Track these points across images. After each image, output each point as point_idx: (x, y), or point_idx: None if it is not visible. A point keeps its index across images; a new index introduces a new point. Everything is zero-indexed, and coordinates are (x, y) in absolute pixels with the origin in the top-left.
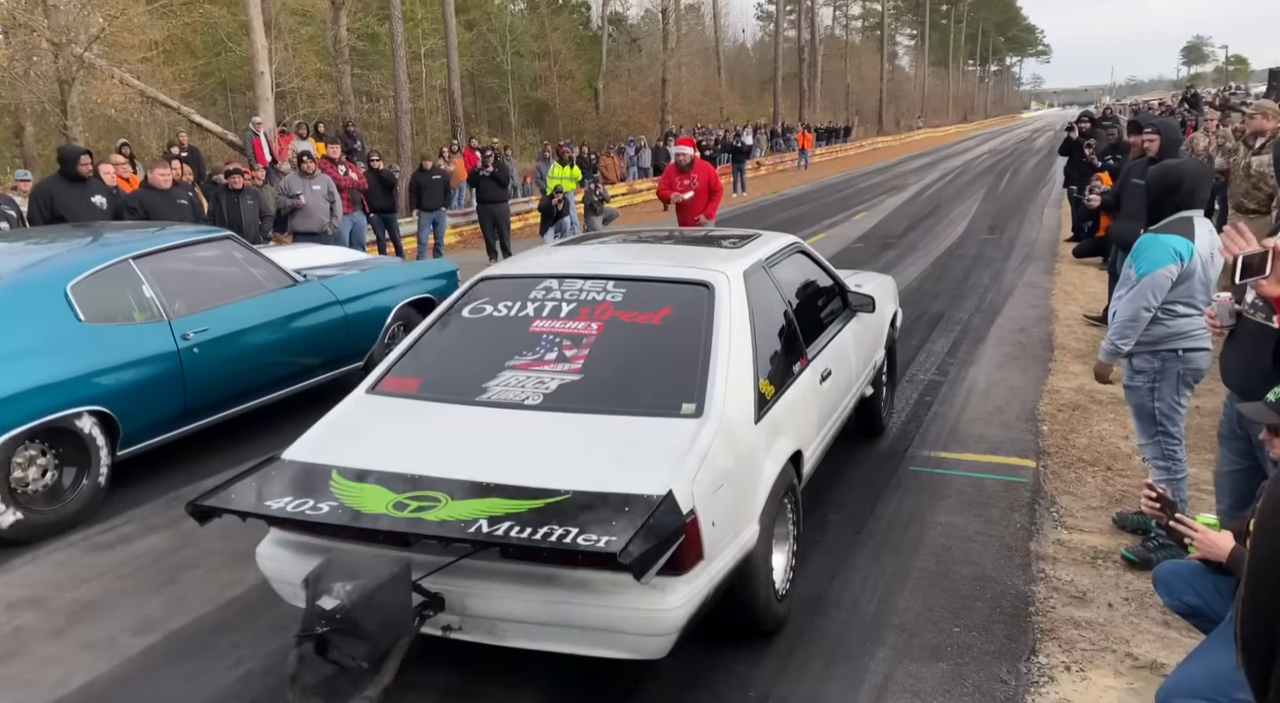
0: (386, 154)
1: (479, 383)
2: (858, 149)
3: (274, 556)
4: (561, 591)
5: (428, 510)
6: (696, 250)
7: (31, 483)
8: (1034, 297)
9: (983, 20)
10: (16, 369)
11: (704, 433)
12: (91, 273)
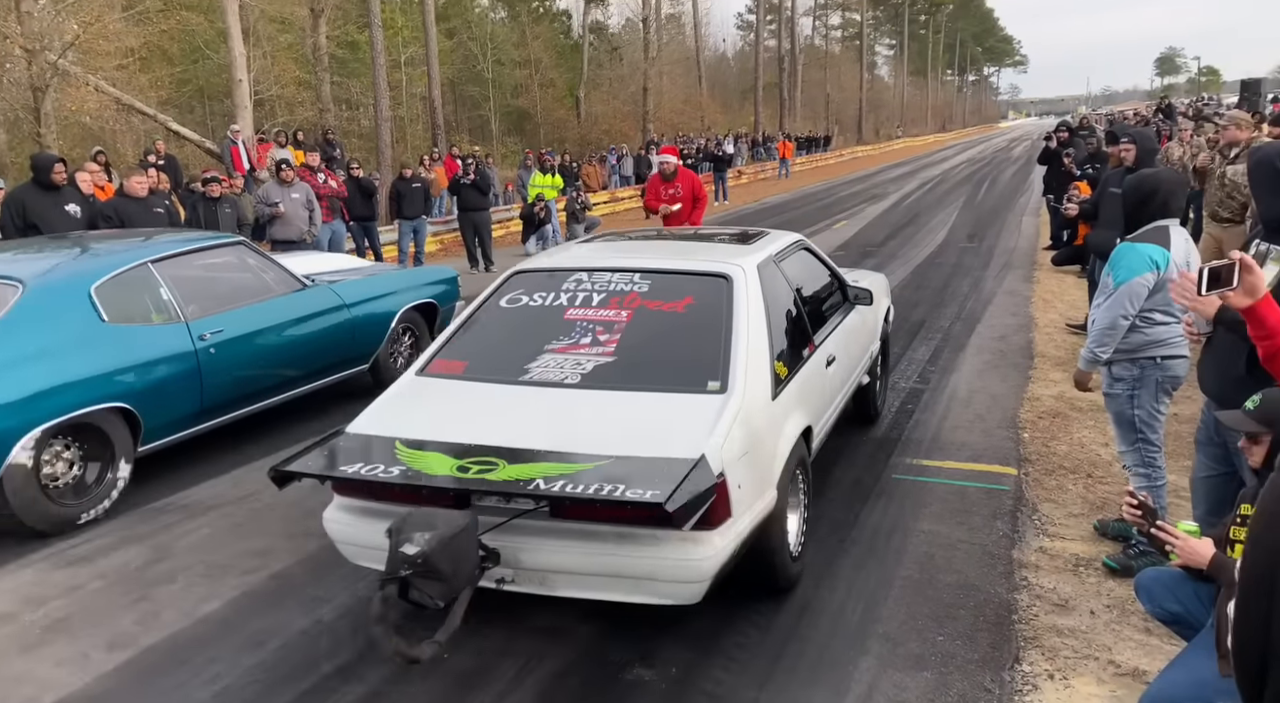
0: (366, 162)
1: (521, 365)
2: (838, 158)
3: (339, 519)
4: (606, 544)
5: (488, 472)
6: (713, 246)
7: (59, 478)
8: (1013, 304)
9: (960, 31)
10: (45, 367)
11: (729, 407)
12: (113, 275)
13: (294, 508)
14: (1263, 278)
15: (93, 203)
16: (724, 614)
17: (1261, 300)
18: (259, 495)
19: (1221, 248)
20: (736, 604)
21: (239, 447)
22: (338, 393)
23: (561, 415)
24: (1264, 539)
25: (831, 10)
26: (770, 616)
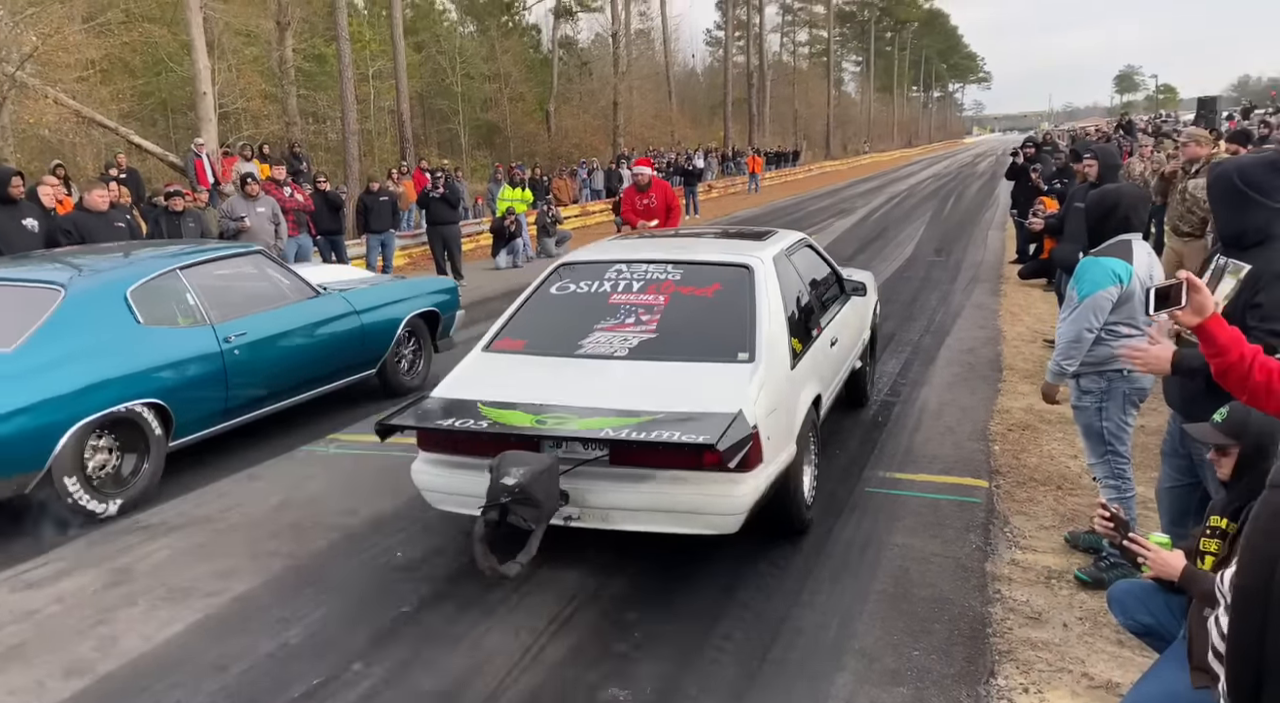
0: (333, 175)
1: (575, 341)
2: (806, 173)
3: (425, 471)
4: (660, 484)
5: (562, 425)
6: (732, 242)
7: (100, 469)
8: (981, 318)
9: (926, 48)
10: (87, 365)
11: (757, 374)
12: (147, 280)
13: (258, 528)
14: (1209, 297)
15: (52, 217)
16: (699, 630)
17: (1210, 318)
18: (222, 516)
19: (1183, 262)
20: (710, 623)
21: (200, 467)
22: (302, 413)
23: (616, 381)
24: (1259, 552)
25: (799, 27)
26: (746, 631)
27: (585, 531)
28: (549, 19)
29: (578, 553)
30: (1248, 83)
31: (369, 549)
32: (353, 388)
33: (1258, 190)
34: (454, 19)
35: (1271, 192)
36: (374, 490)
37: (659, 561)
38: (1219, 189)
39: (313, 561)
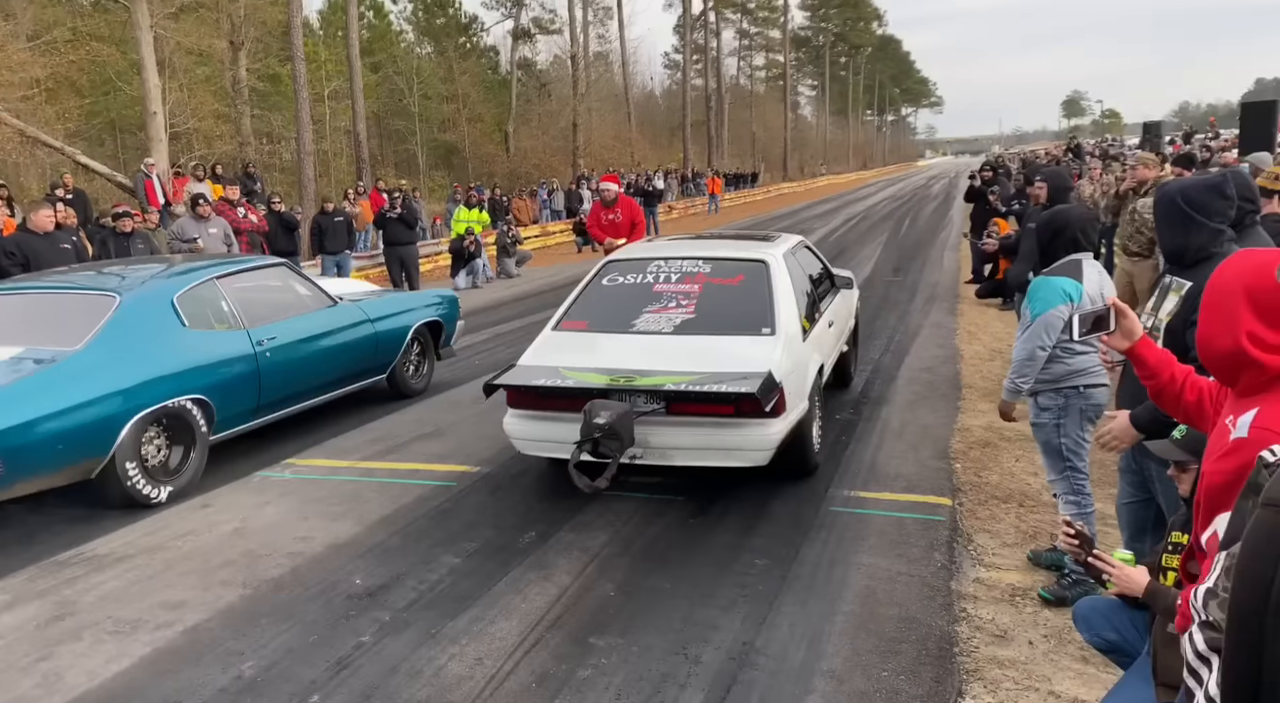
0: (288, 196)
1: (628, 321)
2: (765, 194)
3: (515, 423)
4: (707, 429)
5: (630, 383)
6: (747, 243)
7: (153, 459)
8: (939, 337)
9: (879, 73)
10: (143, 363)
11: (779, 344)
12: (189, 288)
13: (211, 557)
14: (1137, 321)
15: None
16: (666, 653)
17: (1139, 342)
18: (173, 545)
19: (1133, 281)
20: (678, 645)
21: None
22: (258, 438)
23: (667, 350)
24: (1252, 575)
25: (755, 52)
26: (714, 654)
27: (549, 547)
28: (507, 41)
29: (543, 573)
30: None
31: (326, 577)
32: (310, 412)
33: (1199, 211)
34: (411, 40)
35: (1212, 213)
36: (331, 516)
37: (624, 581)
38: (1163, 209)
39: (268, 590)
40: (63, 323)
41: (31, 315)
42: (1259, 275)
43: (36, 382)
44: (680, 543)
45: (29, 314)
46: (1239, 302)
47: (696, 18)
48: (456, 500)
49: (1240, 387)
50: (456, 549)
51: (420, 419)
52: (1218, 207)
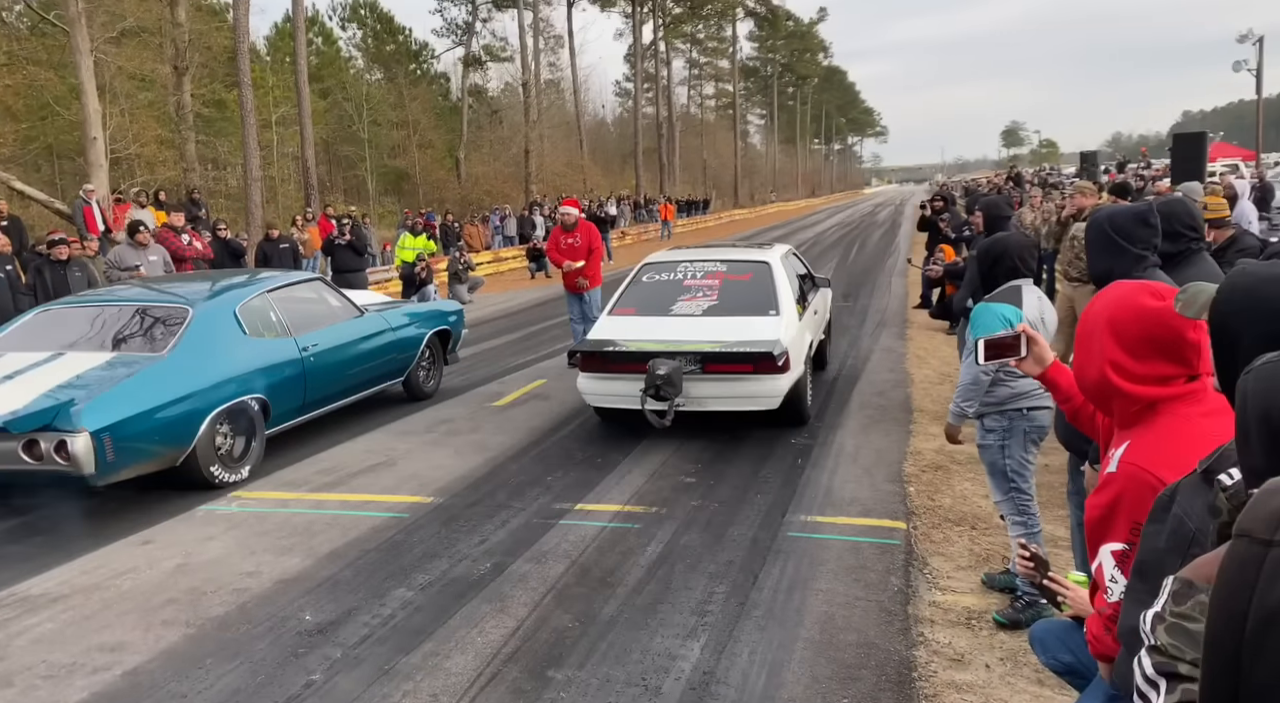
0: (234, 223)
1: (667, 307)
2: (716, 220)
3: (586, 383)
4: (734, 382)
5: (676, 348)
6: (751, 249)
7: (223, 449)
8: (890, 361)
9: (826, 103)
10: (216, 366)
11: (782, 322)
12: (248, 300)
13: (152, 595)
14: (1048, 347)
15: None
16: (627, 682)
17: (1051, 367)
18: (112, 583)
19: (1074, 306)
20: (637, 676)
21: (87, 531)
22: None
23: (699, 327)
24: (1226, 607)
25: (705, 81)
26: (674, 684)
27: (505, 578)
28: (458, 68)
29: (499, 605)
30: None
31: (274, 613)
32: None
33: (1124, 237)
34: (360, 67)
35: (1135, 240)
36: (280, 550)
37: (582, 612)
38: (1092, 234)
39: (212, 628)
40: (145, 332)
41: (111, 325)
42: (1120, 307)
43: (137, 382)
44: (639, 572)
45: (108, 324)
46: (1103, 332)
47: (647, 47)
48: (409, 532)
49: (1116, 418)
50: (410, 582)
51: (371, 449)
52: (1141, 234)
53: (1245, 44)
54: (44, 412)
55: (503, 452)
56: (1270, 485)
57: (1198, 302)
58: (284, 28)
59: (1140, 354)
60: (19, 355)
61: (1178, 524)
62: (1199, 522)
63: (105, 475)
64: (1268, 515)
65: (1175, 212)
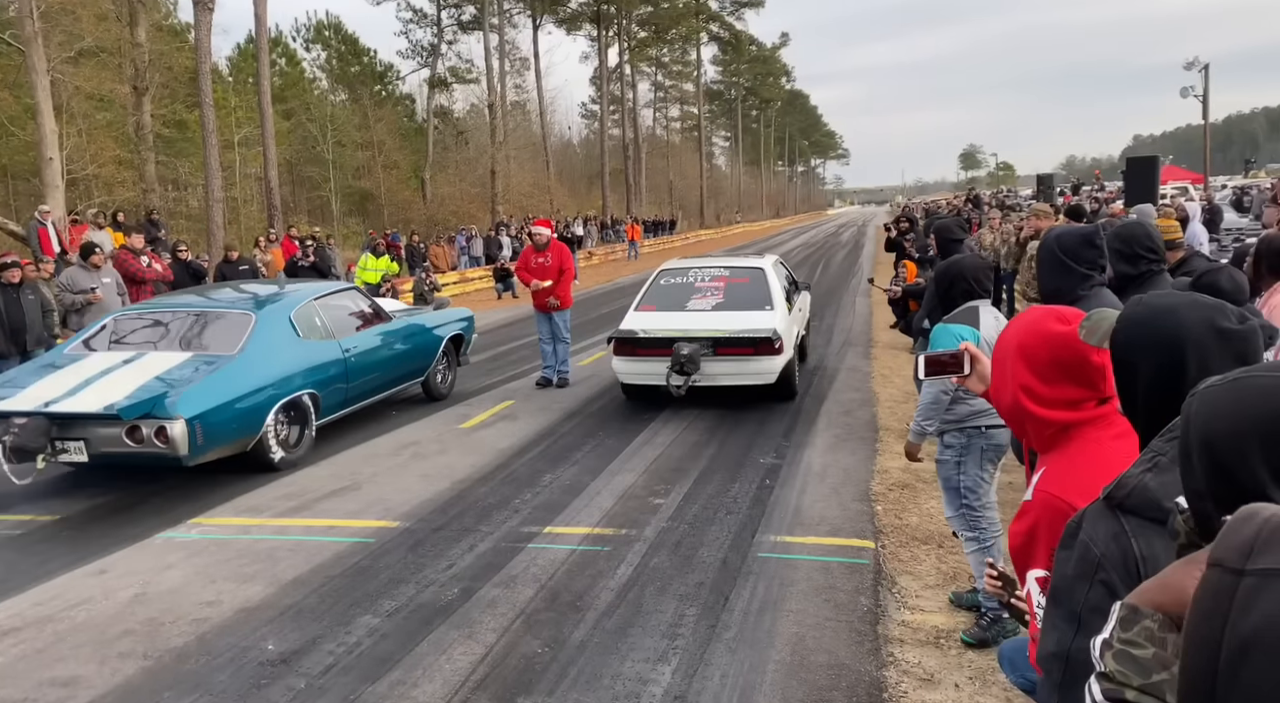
0: (195, 244)
1: (682, 304)
2: (683, 241)
3: (619, 364)
4: (739, 361)
5: (693, 335)
6: (748, 257)
7: (282, 436)
8: (856, 380)
9: (789, 126)
10: (279, 365)
11: (776, 315)
12: (300, 306)
13: (108, 627)
14: (989, 364)
15: None
16: None
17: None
18: (65, 615)
19: None
20: (606, 700)
21: (38, 559)
22: (160, 496)
23: (710, 318)
24: (1200, 637)
25: (670, 103)
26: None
27: (473, 604)
28: (423, 89)
29: (467, 631)
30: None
31: (236, 643)
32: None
33: (1071, 257)
34: (325, 87)
35: (1081, 260)
36: (241, 577)
37: (551, 637)
38: (1043, 254)
39: (171, 660)
40: (216, 334)
41: (183, 329)
42: (1028, 332)
43: (218, 378)
44: (608, 595)
45: (180, 328)
46: (1014, 357)
47: (612, 70)
48: (375, 557)
49: (1033, 442)
50: (376, 609)
51: (336, 473)
52: (1087, 255)
53: (1192, 71)
54: (145, 402)
55: (471, 474)
56: (1242, 514)
57: (1100, 330)
58: (247, 48)
59: (1049, 378)
60: (104, 355)
61: (1084, 551)
62: (1104, 547)
63: (195, 457)
64: (1240, 544)
65: (1135, 234)
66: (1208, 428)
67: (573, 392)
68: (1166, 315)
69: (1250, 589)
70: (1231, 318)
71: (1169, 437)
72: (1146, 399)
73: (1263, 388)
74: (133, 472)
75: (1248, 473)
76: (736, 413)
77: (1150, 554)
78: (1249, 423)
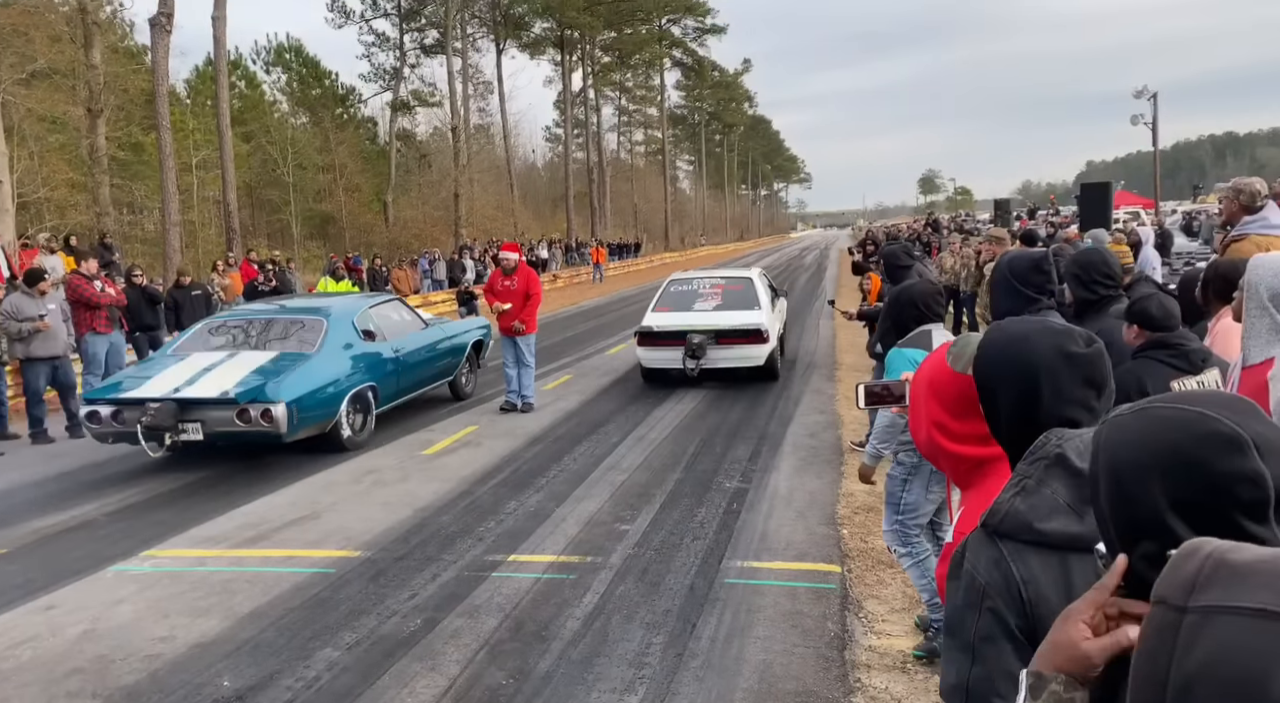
0: (151, 268)
1: (690, 306)
2: (648, 263)
3: (642, 352)
4: (736, 348)
5: (698, 329)
6: (739, 269)
7: (351, 421)
8: (820, 402)
9: (752, 150)
10: (348, 361)
11: (763, 313)
12: (360, 312)
13: (55, 665)
14: None
15: None
16: None
17: None
18: (10, 654)
19: None
20: None
21: None
22: (112, 526)
23: (710, 316)
24: (1145, 675)
25: (635, 127)
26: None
27: (437, 635)
28: (386, 112)
29: (430, 663)
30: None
31: (190, 680)
32: (175, 496)
33: (1020, 281)
34: (285, 110)
35: (1029, 283)
36: (196, 611)
37: (516, 668)
38: (995, 277)
39: (122, 699)
40: (296, 336)
41: (267, 332)
42: (939, 367)
43: (306, 370)
44: (574, 624)
45: (264, 331)
46: (927, 393)
47: (576, 94)
48: (335, 589)
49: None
50: (336, 642)
51: (295, 502)
52: (1034, 279)
53: (1141, 99)
54: (253, 389)
55: (433, 502)
56: (1184, 549)
57: (964, 357)
58: (205, 71)
59: (959, 413)
60: (204, 355)
61: (969, 580)
62: (986, 575)
63: (291, 434)
64: (1182, 581)
65: (1093, 262)
66: (1114, 456)
67: (536, 417)
68: (1020, 343)
69: (1193, 626)
70: (1080, 342)
71: (1032, 459)
72: (1008, 423)
73: (1165, 419)
74: (82, 501)
75: (1148, 502)
76: (703, 436)
77: (1029, 576)
78: (1150, 454)
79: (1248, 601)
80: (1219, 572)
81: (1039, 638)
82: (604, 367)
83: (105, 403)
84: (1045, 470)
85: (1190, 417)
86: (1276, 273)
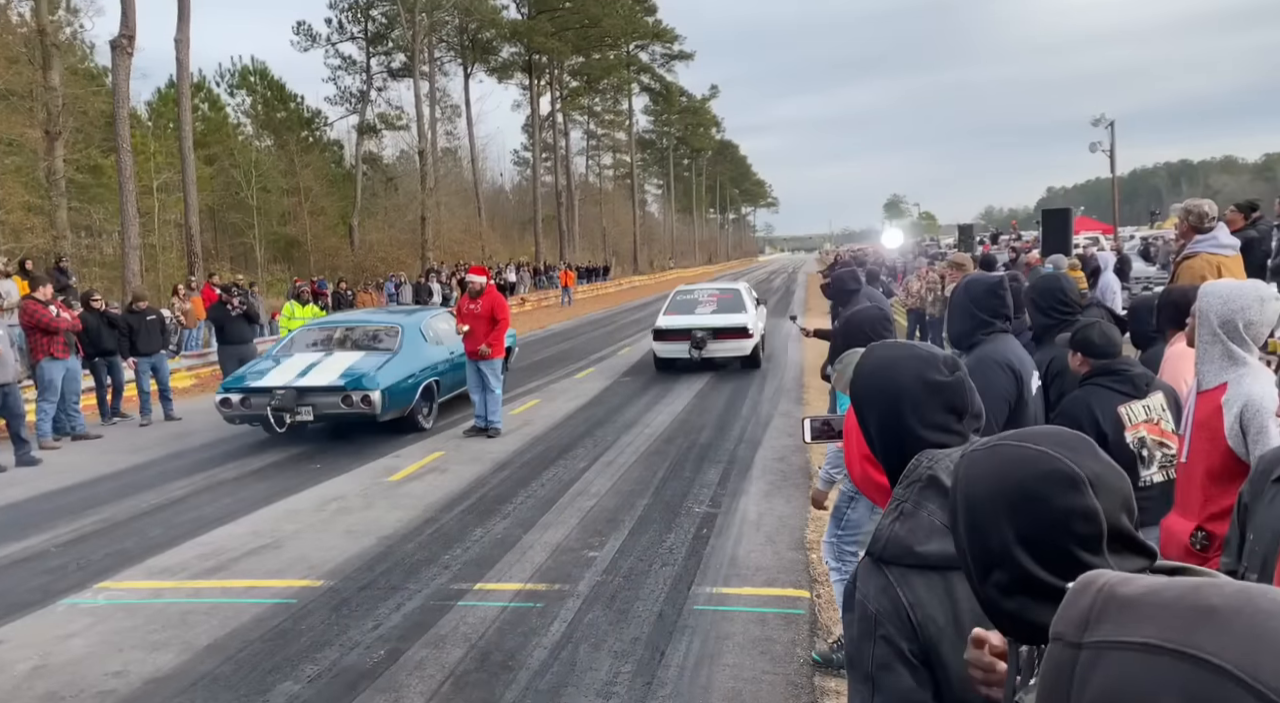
0: (109, 292)
1: (693, 310)
2: (617, 287)
3: (657, 345)
4: (729, 341)
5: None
6: (730, 282)
7: (422, 409)
8: (788, 425)
9: (720, 174)
10: (420, 359)
11: (750, 316)
12: (425, 321)
13: (33, 681)
14: None
15: None
16: None
17: None
18: None
19: None
20: None
21: None
22: (64, 556)
23: (711, 318)
24: None
25: (603, 151)
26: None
27: (401, 666)
28: (352, 135)
29: (394, 696)
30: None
31: None
32: (131, 526)
33: (975, 304)
34: (250, 133)
35: (983, 307)
36: (151, 645)
37: (481, 700)
38: (953, 301)
39: None
40: (378, 339)
41: (353, 336)
42: None
43: (391, 365)
44: (541, 654)
45: (351, 335)
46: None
47: (545, 118)
48: (297, 619)
49: None
50: (297, 675)
51: (256, 530)
52: (989, 303)
53: (1099, 127)
54: (356, 378)
55: (398, 530)
56: (1079, 584)
57: (844, 377)
58: (168, 93)
59: None
60: (304, 355)
61: (862, 609)
62: (876, 603)
63: (383, 415)
64: (1077, 617)
65: (1050, 288)
66: (968, 492)
67: (503, 442)
68: (887, 368)
69: (1087, 663)
70: (942, 370)
71: (907, 483)
72: (880, 443)
73: (1014, 458)
74: (32, 532)
75: (998, 535)
76: (672, 460)
77: (916, 600)
78: (998, 490)
79: (1136, 635)
80: (1109, 606)
81: (931, 660)
82: (572, 391)
83: (237, 391)
84: (920, 493)
85: (1033, 455)
86: (1226, 301)
